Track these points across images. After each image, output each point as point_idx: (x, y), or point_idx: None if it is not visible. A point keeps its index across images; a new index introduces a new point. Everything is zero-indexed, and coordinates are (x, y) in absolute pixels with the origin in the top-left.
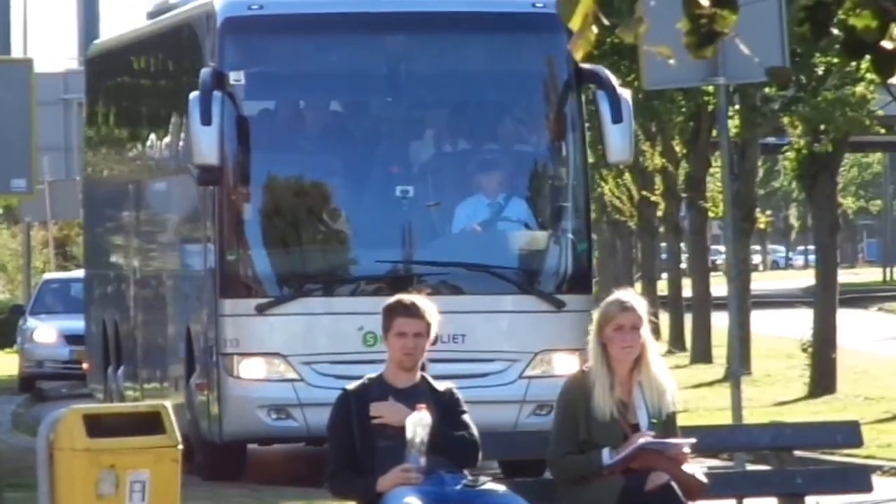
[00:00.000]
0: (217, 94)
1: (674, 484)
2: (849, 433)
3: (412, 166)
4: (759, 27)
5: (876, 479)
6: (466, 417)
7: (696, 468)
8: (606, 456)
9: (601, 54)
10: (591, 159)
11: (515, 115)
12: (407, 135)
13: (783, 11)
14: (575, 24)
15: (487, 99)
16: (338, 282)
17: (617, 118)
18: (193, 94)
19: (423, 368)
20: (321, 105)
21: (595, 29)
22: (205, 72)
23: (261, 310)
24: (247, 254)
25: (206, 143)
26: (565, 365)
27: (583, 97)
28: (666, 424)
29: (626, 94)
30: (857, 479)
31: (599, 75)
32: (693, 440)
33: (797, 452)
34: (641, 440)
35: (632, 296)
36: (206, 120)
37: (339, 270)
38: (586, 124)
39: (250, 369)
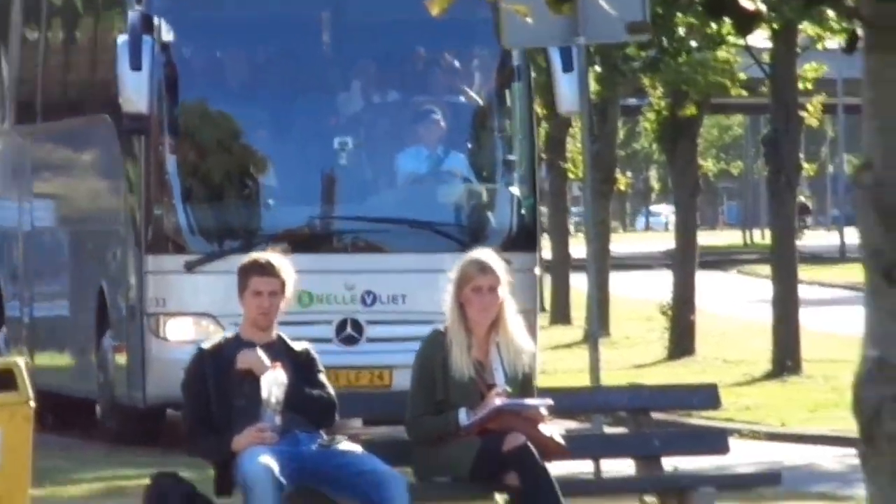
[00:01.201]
0: (147, 38)
1: (530, 445)
2: (706, 396)
3: (349, 118)
4: None
5: (733, 442)
6: (322, 377)
7: (554, 430)
8: (463, 416)
9: None
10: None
11: (455, 63)
12: (344, 85)
13: None
14: None
15: (427, 47)
16: (271, 238)
17: (567, 67)
18: (122, 38)
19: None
20: (255, 53)
21: None
22: (133, 15)
23: (189, 267)
24: (175, 208)
25: (135, 90)
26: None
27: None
28: (523, 385)
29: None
30: (714, 441)
31: None
32: (550, 402)
33: (655, 415)
34: (498, 401)
35: (490, 256)
36: (136, 65)
37: (272, 226)
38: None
39: (177, 330)
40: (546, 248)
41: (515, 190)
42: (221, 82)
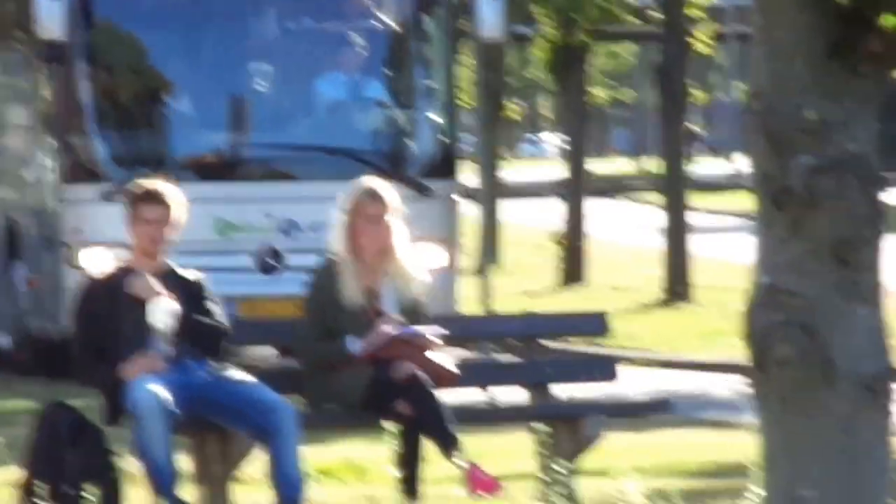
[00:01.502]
0: None
1: (423, 374)
2: (595, 323)
3: (265, 43)
4: None
5: (622, 369)
6: (213, 306)
7: (445, 357)
8: (350, 343)
9: None
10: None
11: None
12: (259, 10)
13: None
14: None
15: None
16: (190, 167)
17: None
18: None
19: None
20: None
21: None
22: None
23: (107, 196)
24: (92, 136)
25: (50, 16)
26: (428, 255)
27: None
28: (414, 313)
29: None
30: (602, 368)
31: None
32: (442, 329)
33: (545, 342)
34: (388, 328)
35: (380, 184)
36: None
37: (191, 155)
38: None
39: (95, 259)
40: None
41: (434, 116)
42: (136, 11)
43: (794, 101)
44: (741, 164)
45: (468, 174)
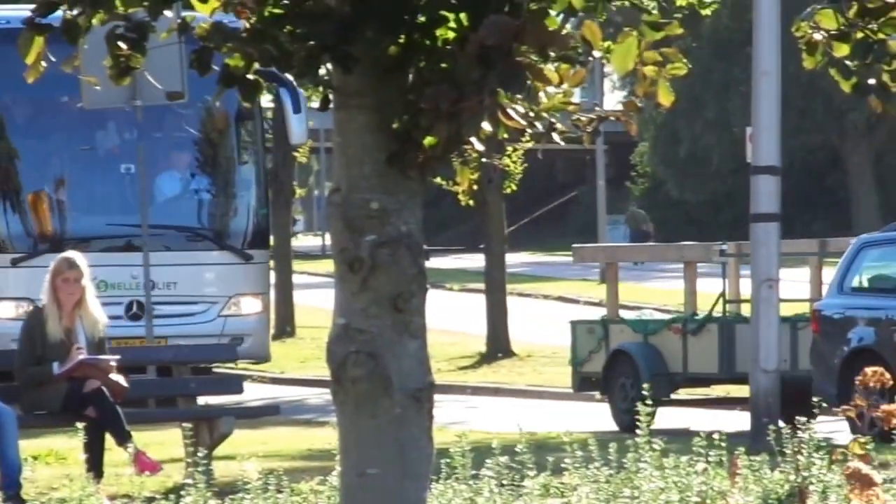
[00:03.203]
0: None
1: (105, 388)
2: (228, 351)
3: (129, 151)
4: (163, 63)
5: (248, 385)
6: None
7: (120, 377)
8: (55, 367)
9: None
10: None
11: (204, 110)
12: (127, 128)
13: (182, 52)
14: (29, 59)
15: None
16: (77, 241)
17: (297, 109)
18: None
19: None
20: (54, 106)
21: (43, 62)
22: None
23: (15, 263)
24: (4, 218)
25: None
26: (252, 305)
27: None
28: (98, 345)
29: (301, 91)
30: (232, 384)
31: (279, 76)
32: (118, 356)
33: (192, 366)
34: (80, 356)
35: (77, 256)
36: None
37: (78, 232)
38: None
39: (5, 310)
40: None
41: (252, 201)
42: (31, 128)
43: (362, 196)
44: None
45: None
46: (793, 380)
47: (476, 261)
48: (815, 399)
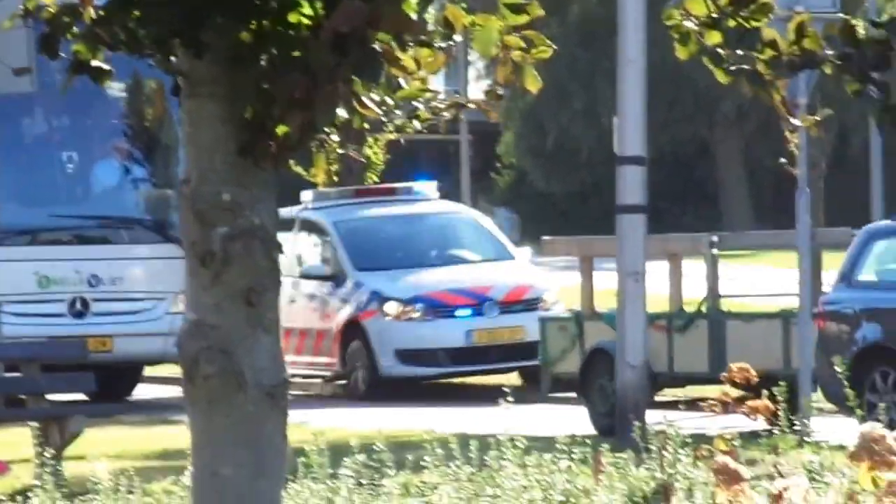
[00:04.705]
0: None
1: None
2: (74, 348)
3: (74, 141)
4: (9, 43)
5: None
6: None
7: None
8: None
9: None
10: None
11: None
12: (67, 120)
13: (30, 37)
14: None
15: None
16: (18, 234)
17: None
18: None
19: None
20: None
21: None
22: None
23: None
24: None
25: None
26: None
27: None
28: None
29: None
30: (84, 381)
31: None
32: None
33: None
34: None
35: None
36: None
37: (19, 225)
38: None
39: None
40: None
41: None
42: None
43: (214, 188)
44: None
45: None
46: (785, 379)
47: None
48: (815, 399)
